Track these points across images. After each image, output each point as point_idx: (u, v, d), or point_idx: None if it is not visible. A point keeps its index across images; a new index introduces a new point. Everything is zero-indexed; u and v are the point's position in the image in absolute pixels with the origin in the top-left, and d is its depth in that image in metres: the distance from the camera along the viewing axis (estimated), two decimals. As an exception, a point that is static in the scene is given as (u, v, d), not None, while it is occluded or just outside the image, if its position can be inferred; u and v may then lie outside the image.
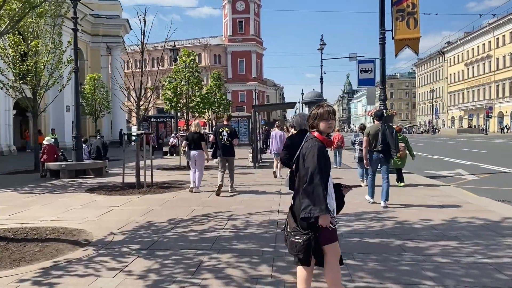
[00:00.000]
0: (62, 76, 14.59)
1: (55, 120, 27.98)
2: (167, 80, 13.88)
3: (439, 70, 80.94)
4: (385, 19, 12.42)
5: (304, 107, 29.36)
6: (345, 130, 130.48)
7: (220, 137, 8.73)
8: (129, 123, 51.61)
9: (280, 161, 5.44)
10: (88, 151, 13.13)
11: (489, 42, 62.07)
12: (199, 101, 13.99)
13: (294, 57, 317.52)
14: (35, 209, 7.14)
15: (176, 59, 15.55)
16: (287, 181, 4.58)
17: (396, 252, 4.41)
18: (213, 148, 9.15)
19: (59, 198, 8.35)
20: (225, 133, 8.72)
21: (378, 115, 7.49)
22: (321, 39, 33.60)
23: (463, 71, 70.64)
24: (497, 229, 5.33)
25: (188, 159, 9.42)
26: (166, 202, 7.65)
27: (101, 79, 19.11)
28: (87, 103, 18.88)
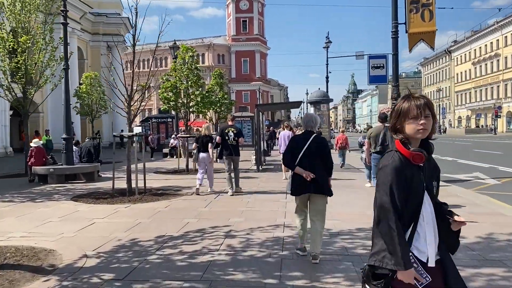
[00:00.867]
0: (54, 74, 13.80)
1: (53, 120, 27.26)
2: (165, 78, 13.04)
3: (446, 69, 79.61)
4: (398, 12, 11.51)
5: (309, 107, 28.45)
6: (350, 130, 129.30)
7: (226, 138, 8.76)
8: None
9: (282, 163, 4.94)
10: (79, 154, 12.32)
11: (497, 40, 60.75)
12: (199, 100, 13.13)
13: (297, 57, 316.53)
14: (7, 221, 6.31)
15: (176, 56, 14.72)
16: (288, 185, 4.33)
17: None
18: (218, 148, 9.11)
19: (39, 207, 7.52)
20: (231, 133, 8.79)
21: (381, 117, 7.50)
22: (326, 36, 32.67)
23: (470, 70, 69.29)
24: (548, 251, 4.43)
25: (196, 161, 9.41)
26: (157, 213, 6.79)
27: (97, 77, 18.34)
28: (83, 103, 18.11)
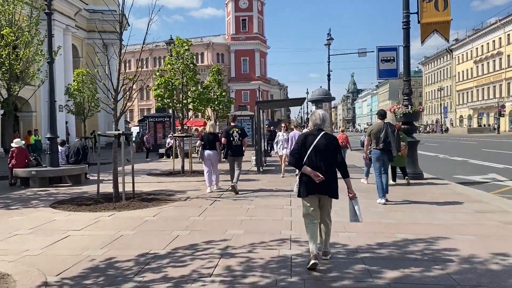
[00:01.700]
0: (40, 69, 12.93)
1: (47, 120, 26.41)
2: (158, 73, 12.15)
3: (447, 68, 78.74)
4: (410, 0, 10.65)
5: (311, 106, 27.56)
6: (350, 130, 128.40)
7: (231, 138, 8.85)
8: (129, 123, 50.03)
9: (289, 163, 4.29)
10: (65, 155, 11.43)
11: (500, 38, 59.91)
12: (195, 97, 12.24)
13: (297, 56, 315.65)
14: (-32, 234, 5.43)
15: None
16: (296, 186, 4.02)
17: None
18: (224, 149, 9.08)
19: (12, 216, 6.63)
20: (236, 134, 8.89)
21: (381, 114, 7.45)
22: (328, 33, 31.83)
23: (472, 69, 68.45)
24: None
25: (201, 160, 9.19)
26: (143, 223, 5.91)
27: (89, 74, 17.45)
28: (75, 101, 17.23)
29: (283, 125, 12.10)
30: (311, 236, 3.88)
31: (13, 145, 10.51)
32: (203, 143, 8.92)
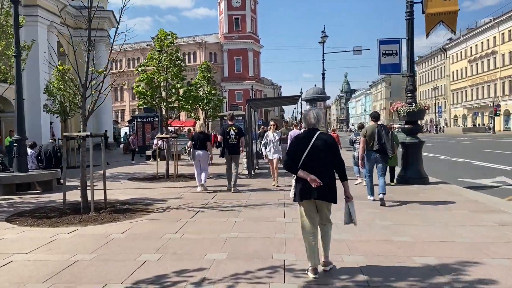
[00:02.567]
0: (12, 65, 11.81)
1: (30, 120, 25.22)
2: (140, 69, 11.15)
3: (441, 67, 78.41)
4: (414, -12, 9.77)
5: (305, 105, 26.67)
6: (344, 130, 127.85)
7: (228, 137, 8.93)
8: (118, 123, 48.74)
9: (283, 167, 3.87)
10: (36, 158, 10.35)
11: (494, 37, 59.57)
12: (181, 95, 11.24)
13: (291, 55, 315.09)
14: None
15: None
16: (292, 190, 3.81)
17: None
18: (220, 147, 9.25)
19: (-47, 233, 5.60)
20: (232, 132, 8.98)
21: (374, 116, 7.57)
22: (322, 31, 30.97)
23: (466, 68, 68.10)
24: None
25: (192, 159, 9.33)
26: (107, 243, 4.91)
27: (71, 71, 16.32)
28: (54, 100, 16.14)
29: (271, 123, 10.29)
30: (310, 247, 3.65)
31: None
32: (193, 143, 9.09)
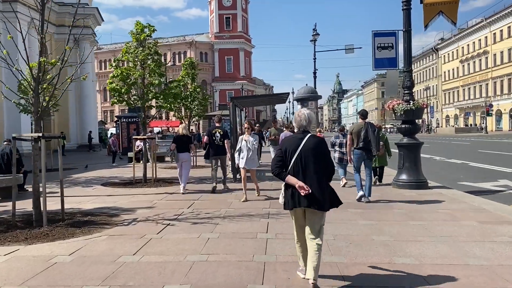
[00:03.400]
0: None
1: (9, 121, 24.15)
2: (114, 64, 10.20)
3: (433, 67, 78.34)
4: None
5: (297, 105, 25.93)
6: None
7: (213, 138, 8.99)
8: (105, 124, 47.50)
9: (271, 172, 3.48)
10: (-5, 162, 9.33)
11: (486, 37, 59.47)
12: (158, 92, 10.32)
13: (283, 55, 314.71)
14: None
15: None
16: (281, 196, 3.50)
17: None
18: (206, 149, 9.40)
19: None
20: (218, 135, 9.02)
21: (363, 114, 7.66)
22: (313, 29, 30.21)
23: (458, 68, 68.03)
24: None
25: (175, 161, 9.34)
26: (47, 268, 3.99)
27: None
28: (28, 99, 15.09)
29: (245, 125, 8.21)
30: (301, 253, 3.56)
31: None
32: (176, 145, 9.01)
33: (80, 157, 23.50)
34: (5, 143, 9.48)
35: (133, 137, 11.62)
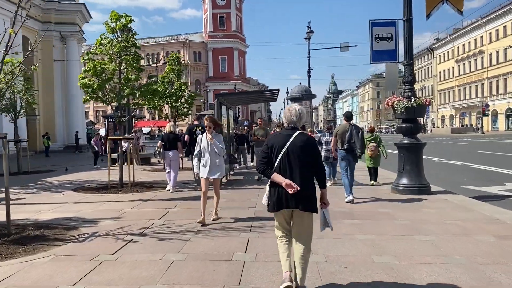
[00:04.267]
0: None
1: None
2: (87, 57, 9.28)
3: (428, 67, 77.92)
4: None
5: (290, 104, 25.10)
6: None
7: (194, 136, 8.59)
8: (95, 124, 46.38)
9: (256, 169, 3.19)
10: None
11: (481, 37, 59.06)
12: (135, 88, 9.40)
13: (278, 55, 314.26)
14: None
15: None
16: (265, 197, 3.29)
17: None
18: (186, 147, 9.44)
19: None
20: (199, 132, 8.87)
21: (347, 116, 7.67)
22: (308, 26, 29.44)
23: (454, 68, 67.61)
24: None
25: (163, 159, 9.51)
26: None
27: (21, 65, 14.39)
28: (2, 97, 14.15)
29: (206, 122, 6.01)
30: (283, 251, 3.21)
31: None
32: (163, 143, 8.98)
33: (64, 159, 22.50)
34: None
35: (108, 138, 10.71)
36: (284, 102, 58.73)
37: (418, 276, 3.60)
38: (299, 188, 3.02)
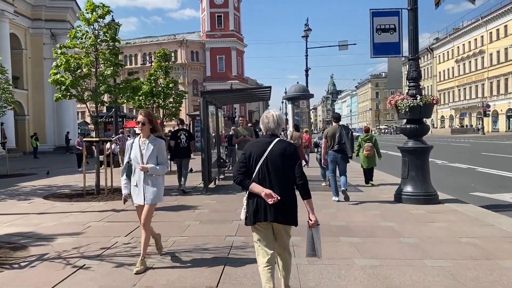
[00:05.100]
0: None
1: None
2: (59, 51, 8.43)
3: (428, 67, 77.17)
4: None
5: (288, 104, 24.35)
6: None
7: (178, 141, 8.96)
8: (88, 124, 45.46)
9: (232, 179, 2.90)
10: None
11: (482, 37, 58.34)
12: (112, 86, 8.55)
13: (276, 55, 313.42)
14: None
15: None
16: (243, 212, 3.03)
17: None
18: (170, 151, 9.27)
19: None
20: (183, 136, 9.00)
21: (336, 117, 7.76)
22: (305, 24, 28.68)
23: (453, 68, 66.90)
24: None
25: None
26: None
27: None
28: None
29: (139, 118, 4.10)
30: (266, 280, 2.87)
31: None
32: None
33: (53, 160, 21.67)
34: None
35: (84, 139, 9.85)
36: (282, 102, 58.07)
37: None
38: (279, 198, 2.84)
